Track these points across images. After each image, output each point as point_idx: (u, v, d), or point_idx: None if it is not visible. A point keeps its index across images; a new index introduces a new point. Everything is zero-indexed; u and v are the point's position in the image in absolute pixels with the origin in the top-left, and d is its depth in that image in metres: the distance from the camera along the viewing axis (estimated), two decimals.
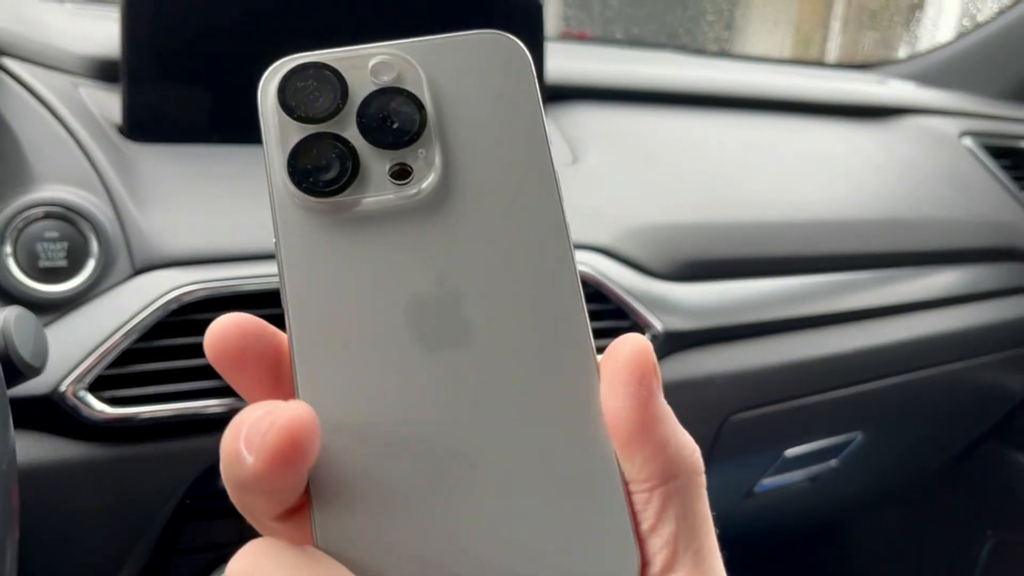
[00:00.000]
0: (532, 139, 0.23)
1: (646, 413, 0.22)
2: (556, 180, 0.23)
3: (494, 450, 0.21)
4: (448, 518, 0.21)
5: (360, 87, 0.23)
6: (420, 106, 0.23)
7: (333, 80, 0.23)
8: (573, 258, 0.22)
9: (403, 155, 0.23)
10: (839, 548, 1.36)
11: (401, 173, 0.23)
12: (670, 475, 0.22)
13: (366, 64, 0.23)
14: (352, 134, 0.23)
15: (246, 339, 0.23)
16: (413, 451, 0.21)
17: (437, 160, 0.23)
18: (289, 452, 0.20)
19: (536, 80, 0.23)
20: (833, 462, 1.04)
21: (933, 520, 1.33)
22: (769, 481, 0.99)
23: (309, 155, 0.22)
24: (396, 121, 0.23)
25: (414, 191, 0.22)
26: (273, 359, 0.23)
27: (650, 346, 0.23)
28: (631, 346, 0.22)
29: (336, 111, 0.23)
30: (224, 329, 0.23)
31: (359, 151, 0.23)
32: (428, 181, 0.23)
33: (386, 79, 0.23)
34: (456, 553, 0.20)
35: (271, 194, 0.23)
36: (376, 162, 0.23)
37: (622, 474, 0.22)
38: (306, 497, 0.21)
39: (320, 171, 0.22)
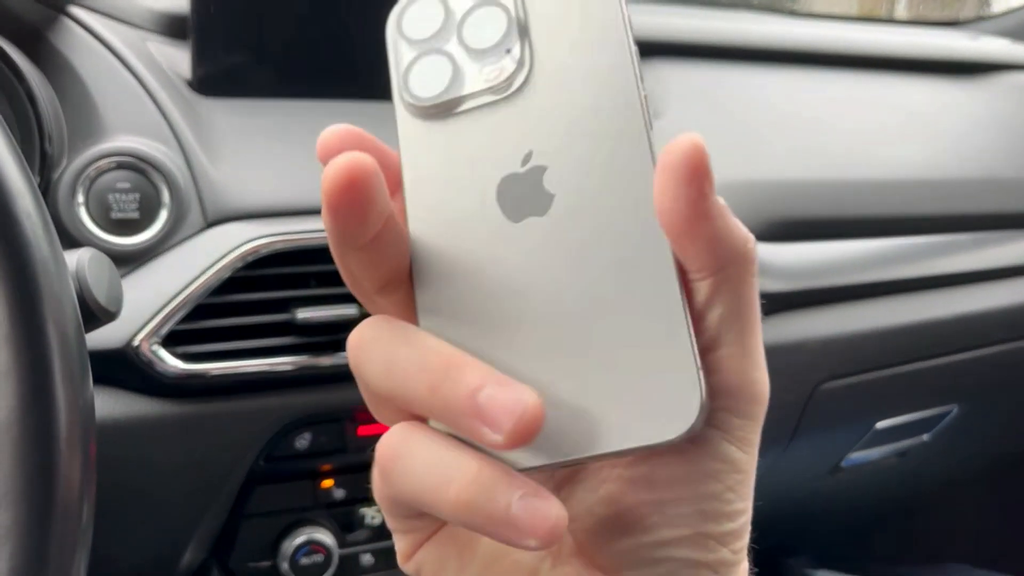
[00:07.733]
0: (610, 27, 0.26)
1: (696, 211, 0.23)
2: (633, 63, 0.26)
3: (567, 283, 0.25)
4: (529, 334, 0.25)
5: (459, 5, 0.28)
6: (508, 13, 0.27)
7: (437, 4, 0.28)
8: (648, 132, 0.25)
9: (496, 58, 0.27)
10: (924, 528, 1.30)
11: (495, 73, 0.27)
12: (720, 265, 0.24)
13: None
14: (452, 46, 0.28)
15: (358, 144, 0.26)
16: (499, 280, 0.26)
17: (525, 58, 0.27)
18: (347, 190, 0.23)
19: None
20: (925, 436, 0.98)
21: None
22: (857, 455, 0.94)
23: (416, 68, 0.28)
24: (487, 30, 0.27)
25: (505, 88, 0.27)
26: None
27: (702, 146, 0.23)
28: (681, 146, 0.23)
29: (439, 29, 0.28)
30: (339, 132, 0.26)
31: (457, 59, 0.27)
32: (518, 78, 0.27)
33: None
34: (533, 362, 0.25)
35: (396, 109, 0.28)
36: (472, 67, 0.27)
37: (685, 296, 0.24)
38: (410, 285, 0.27)
39: (425, 80, 0.27)
